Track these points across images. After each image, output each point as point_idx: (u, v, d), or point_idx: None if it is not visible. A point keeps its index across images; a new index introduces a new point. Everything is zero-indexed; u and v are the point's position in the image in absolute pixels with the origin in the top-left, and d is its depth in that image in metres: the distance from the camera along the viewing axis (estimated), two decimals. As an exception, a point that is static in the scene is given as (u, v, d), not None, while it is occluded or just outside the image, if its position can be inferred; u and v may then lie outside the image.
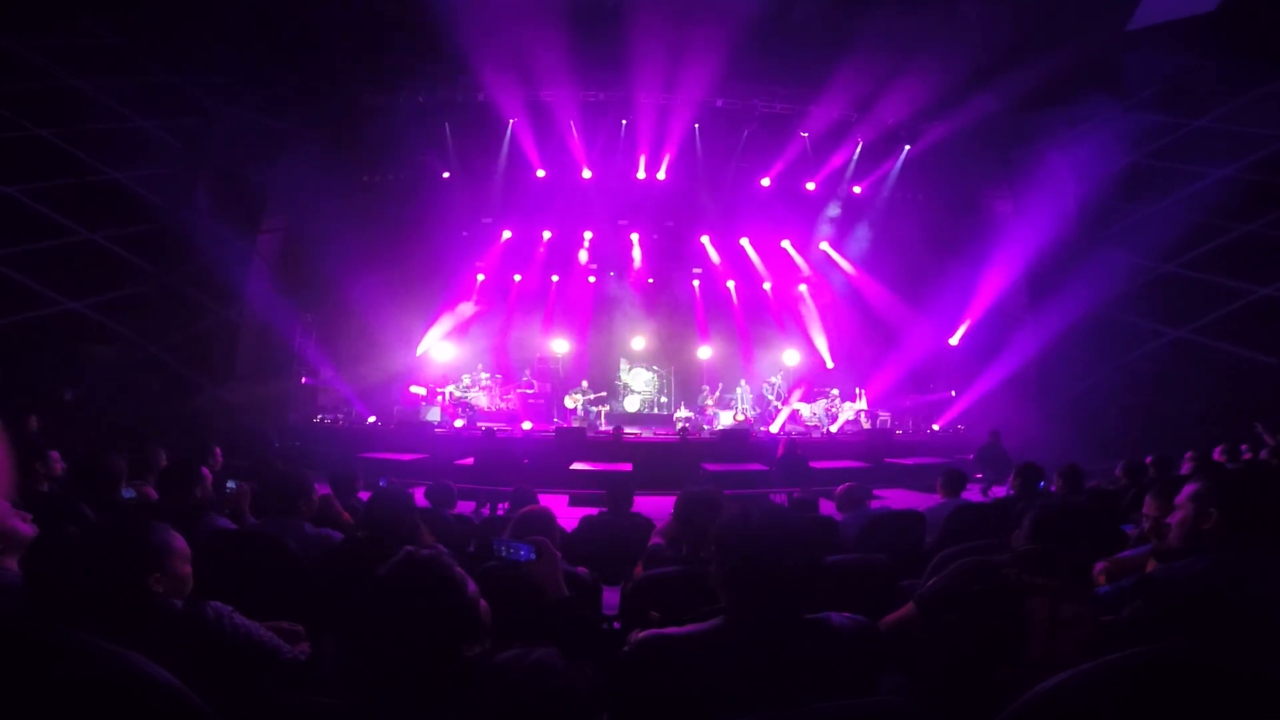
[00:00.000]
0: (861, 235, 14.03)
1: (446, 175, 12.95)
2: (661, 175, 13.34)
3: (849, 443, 11.56)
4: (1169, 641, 1.20)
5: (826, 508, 6.73)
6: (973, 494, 5.58)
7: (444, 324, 14.10)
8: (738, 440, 10.72)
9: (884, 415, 12.79)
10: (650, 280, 14.99)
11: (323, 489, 3.93)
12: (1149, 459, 5.48)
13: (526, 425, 11.97)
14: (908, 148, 12.94)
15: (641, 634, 1.51)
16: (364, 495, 4.21)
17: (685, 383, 14.54)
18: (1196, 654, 1.17)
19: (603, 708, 1.65)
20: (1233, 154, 10.39)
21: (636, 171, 13.26)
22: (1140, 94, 10.92)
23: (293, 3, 9.40)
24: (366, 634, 1.29)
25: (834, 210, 14.04)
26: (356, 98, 10.77)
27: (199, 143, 10.96)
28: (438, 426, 11.66)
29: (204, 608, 1.71)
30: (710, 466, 9.51)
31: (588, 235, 14.45)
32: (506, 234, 14.31)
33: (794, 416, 13.00)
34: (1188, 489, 2.03)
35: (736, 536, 1.54)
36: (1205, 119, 10.78)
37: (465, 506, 6.78)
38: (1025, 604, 1.78)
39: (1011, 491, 4.77)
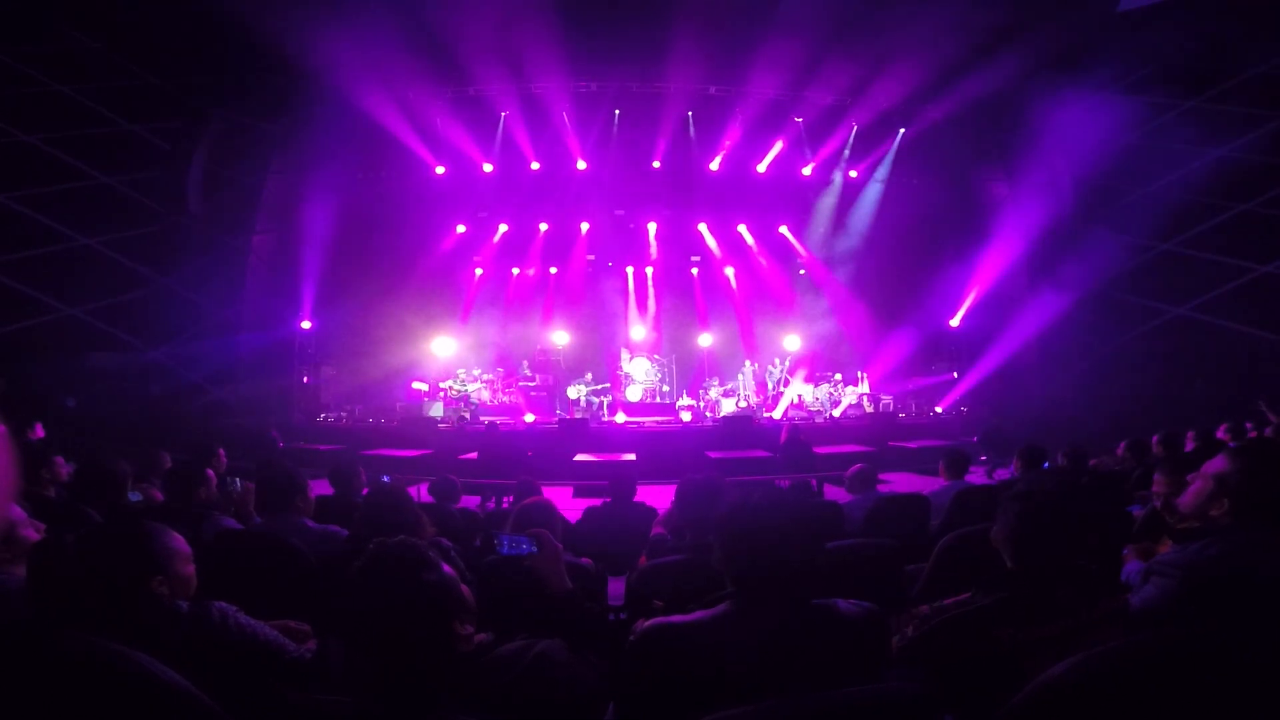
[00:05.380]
0: (859, 219, 13.98)
1: (441, 170, 12.91)
2: (656, 164, 13.29)
3: (852, 427, 11.56)
4: (1180, 626, 1.18)
5: (831, 493, 6.74)
6: (977, 476, 5.57)
7: (443, 319, 14.09)
8: (741, 427, 10.72)
9: (886, 399, 12.79)
10: (649, 269, 14.97)
11: (322, 487, 3.94)
12: (1155, 438, 5.47)
13: (529, 418, 11.99)
14: (902, 131, 12.88)
15: (646, 623, 1.51)
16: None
17: (687, 371, 14.55)
18: (1210, 639, 1.15)
19: (608, 697, 1.65)
20: (1227, 134, 10.34)
21: (631, 161, 13.20)
22: (1134, 75, 10.84)
23: (273, 1, 9.32)
24: (356, 630, 1.30)
25: (831, 194, 14.00)
26: (346, 95, 10.70)
27: (188, 145, 10.91)
28: (441, 422, 11.67)
29: (209, 608, 1.72)
30: (713, 454, 9.51)
31: (584, 226, 14.42)
32: (503, 227, 14.29)
33: (797, 401, 13.01)
34: (1214, 464, 1.94)
35: (737, 522, 1.53)
36: (1199, 99, 10.71)
37: (470, 501, 6.79)
38: (1032, 661, 1.51)
39: (1015, 473, 4.76)
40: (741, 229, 14.62)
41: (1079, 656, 1.18)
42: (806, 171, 13.49)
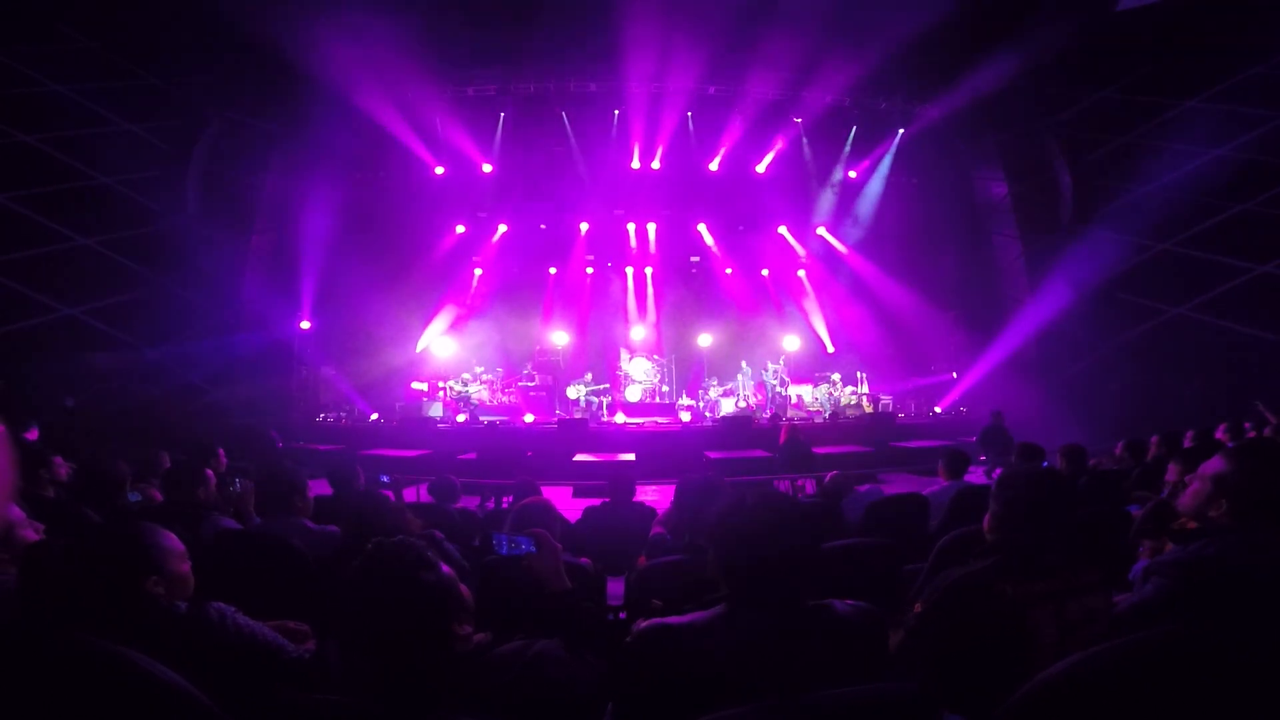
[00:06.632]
0: (858, 219, 13.98)
1: (440, 170, 12.90)
2: (655, 164, 13.29)
3: (851, 427, 11.55)
4: (1176, 625, 1.18)
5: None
6: (976, 476, 5.57)
7: (443, 319, 14.10)
8: (740, 427, 10.72)
9: (885, 399, 12.79)
10: (648, 269, 14.97)
11: (321, 487, 3.94)
12: (1154, 438, 5.46)
13: (529, 418, 11.99)
14: (901, 131, 12.88)
15: (643, 624, 1.51)
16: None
17: (686, 371, 14.55)
18: (1209, 638, 1.15)
19: (607, 697, 1.65)
20: (1226, 133, 10.34)
21: (630, 161, 13.22)
22: (1132, 74, 10.85)
23: (269, 1, 9.31)
24: (354, 630, 1.30)
25: (830, 195, 14.00)
26: (345, 94, 10.69)
27: (186, 145, 10.90)
28: (440, 422, 11.67)
29: (207, 609, 1.72)
30: (712, 454, 9.51)
31: (584, 226, 14.42)
32: (503, 227, 14.29)
33: (796, 402, 13.00)
34: (1211, 465, 1.93)
35: (731, 523, 1.52)
36: (1198, 98, 10.72)
37: (469, 501, 6.79)
38: (1028, 618, 1.61)
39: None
40: (740, 228, 14.61)
41: (1079, 656, 1.18)
42: (806, 170, 13.48)
